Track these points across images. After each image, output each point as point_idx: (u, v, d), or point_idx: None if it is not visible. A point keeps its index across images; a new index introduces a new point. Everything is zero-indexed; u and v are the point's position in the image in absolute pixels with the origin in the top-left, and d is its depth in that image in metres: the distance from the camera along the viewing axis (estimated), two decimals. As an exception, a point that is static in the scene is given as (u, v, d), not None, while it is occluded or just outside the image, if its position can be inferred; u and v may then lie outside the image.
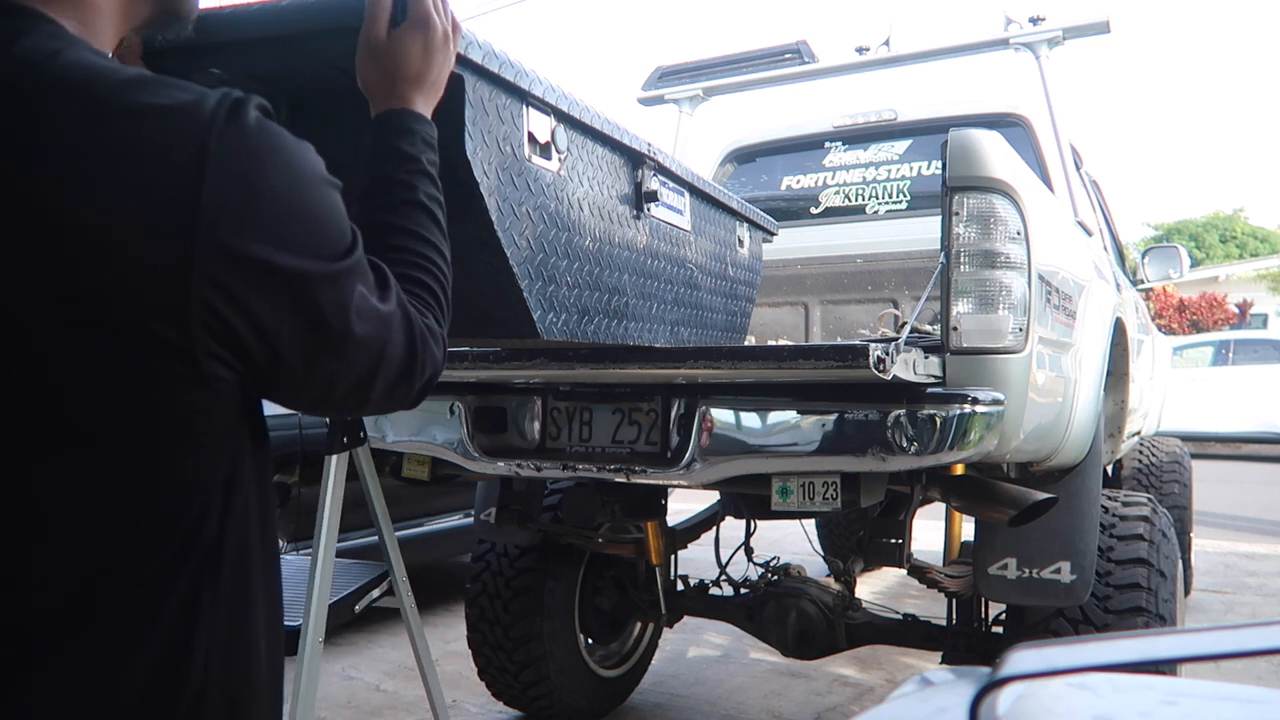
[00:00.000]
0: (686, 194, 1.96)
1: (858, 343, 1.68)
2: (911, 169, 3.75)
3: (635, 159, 1.71)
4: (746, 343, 2.49)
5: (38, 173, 0.67)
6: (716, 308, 2.15)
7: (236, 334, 0.71)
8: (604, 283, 1.61)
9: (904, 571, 2.42)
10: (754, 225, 2.39)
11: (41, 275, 0.67)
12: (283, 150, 0.74)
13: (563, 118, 1.45)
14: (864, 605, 2.78)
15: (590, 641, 3.31)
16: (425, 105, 1.03)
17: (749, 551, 2.92)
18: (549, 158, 1.42)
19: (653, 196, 1.74)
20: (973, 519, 2.35)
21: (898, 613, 2.79)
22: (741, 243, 2.31)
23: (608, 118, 1.57)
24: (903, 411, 1.81)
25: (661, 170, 1.80)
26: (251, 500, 0.82)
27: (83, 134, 0.68)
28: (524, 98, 1.33)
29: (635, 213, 1.72)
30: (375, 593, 2.30)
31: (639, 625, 3.50)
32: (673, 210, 1.89)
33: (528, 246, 1.36)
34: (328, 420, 1.86)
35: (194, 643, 0.76)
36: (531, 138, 1.37)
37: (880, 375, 1.63)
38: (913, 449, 1.80)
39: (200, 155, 0.68)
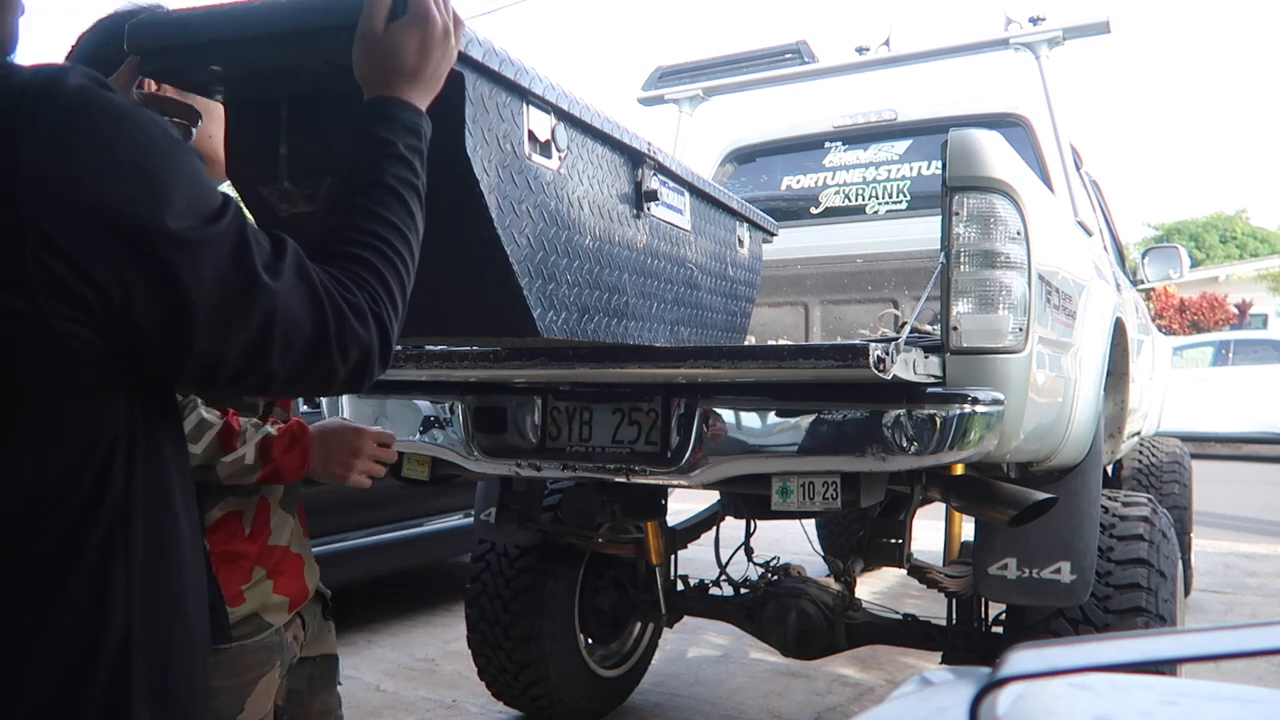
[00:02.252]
0: (686, 193, 1.96)
1: (858, 342, 1.67)
2: (911, 169, 3.75)
3: (635, 158, 1.71)
4: (746, 343, 2.48)
5: None
6: (716, 307, 2.15)
7: (83, 299, 0.72)
8: (604, 281, 1.60)
9: (904, 571, 2.42)
10: (754, 225, 2.39)
11: None
12: (108, 114, 0.74)
13: (563, 116, 1.44)
14: (864, 605, 2.78)
15: (590, 641, 3.31)
16: (419, 97, 1.03)
17: (749, 551, 2.92)
18: (549, 156, 1.41)
19: (653, 196, 1.74)
20: (973, 519, 2.35)
21: (898, 613, 2.79)
22: (741, 243, 2.31)
23: (608, 116, 1.56)
24: (903, 411, 1.81)
25: (661, 169, 1.79)
26: (165, 470, 0.85)
27: None
28: (524, 96, 1.33)
29: (635, 212, 1.72)
30: None
31: (639, 625, 3.50)
32: (673, 210, 1.89)
33: (528, 245, 1.35)
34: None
35: (110, 609, 0.78)
36: (532, 136, 1.36)
37: (880, 375, 1.62)
38: (913, 449, 1.79)
39: (12, 128, 0.70)
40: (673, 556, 3.04)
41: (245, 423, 1.39)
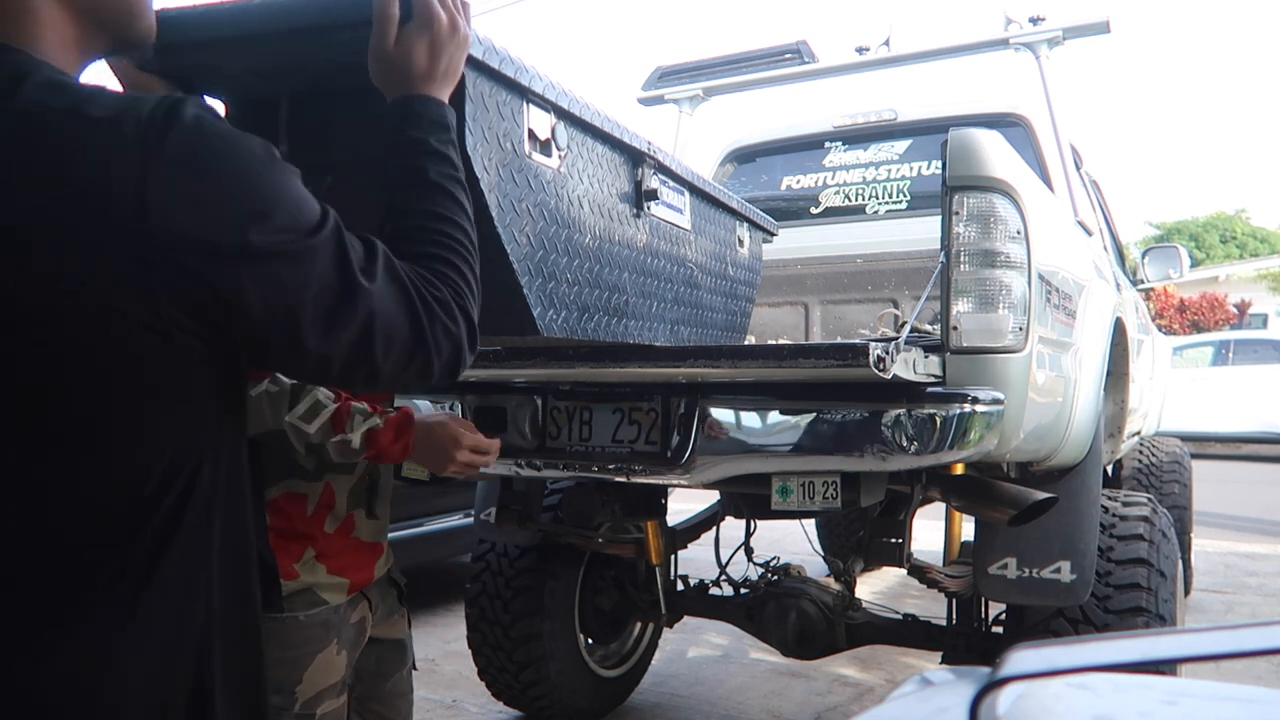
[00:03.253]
0: (687, 193, 1.96)
1: (858, 342, 1.67)
2: (911, 169, 3.74)
3: (635, 157, 1.70)
4: (746, 342, 2.48)
5: (20, 178, 0.76)
6: (716, 307, 2.15)
7: (205, 310, 0.79)
8: (604, 280, 1.60)
9: (904, 571, 2.41)
10: (754, 225, 2.39)
11: (28, 267, 0.76)
12: (221, 139, 0.80)
13: (563, 115, 1.44)
14: (864, 605, 2.78)
15: (590, 641, 3.30)
16: (439, 92, 1.06)
17: (749, 551, 2.92)
18: (549, 155, 1.41)
19: (653, 195, 1.73)
20: (973, 519, 2.35)
21: (898, 613, 2.79)
22: (741, 243, 2.31)
23: (608, 115, 1.56)
24: (903, 411, 1.80)
25: (661, 169, 1.79)
26: (239, 458, 0.93)
27: (51, 144, 0.76)
28: (524, 94, 1.33)
29: (635, 211, 1.72)
30: None
31: (639, 625, 3.50)
32: (673, 209, 1.89)
33: (528, 243, 1.35)
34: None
35: (199, 584, 0.87)
36: (532, 134, 1.36)
37: (880, 374, 1.62)
38: (913, 448, 1.79)
39: (142, 154, 0.76)
40: (673, 556, 3.04)
41: (355, 408, 1.48)
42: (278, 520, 1.52)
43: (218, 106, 1.31)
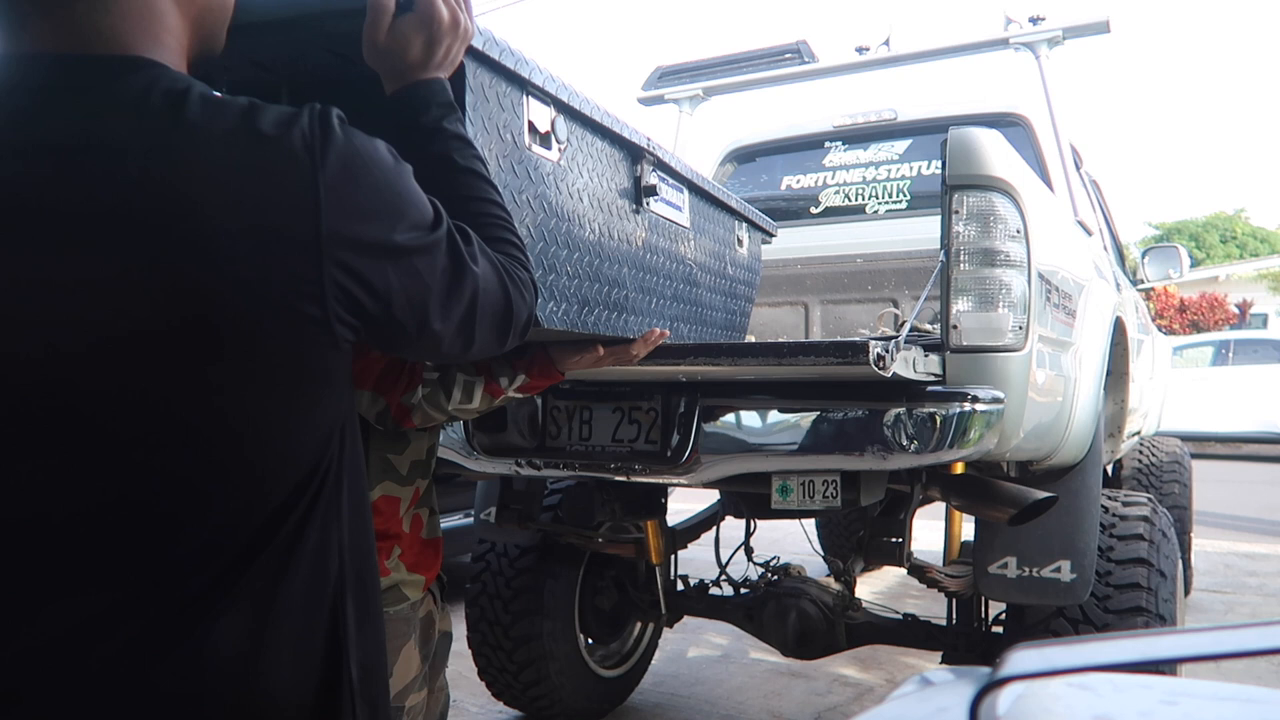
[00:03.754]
0: (686, 191, 1.96)
1: (858, 339, 1.67)
2: (911, 169, 3.74)
3: (635, 153, 1.70)
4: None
5: (192, 189, 0.79)
6: (716, 306, 2.14)
7: (360, 303, 0.87)
8: (604, 275, 1.60)
9: (904, 571, 2.41)
10: (753, 225, 2.38)
11: (224, 278, 0.81)
12: (365, 148, 0.87)
13: (563, 108, 1.45)
14: (864, 605, 2.78)
15: (590, 641, 3.30)
16: (437, 74, 1.09)
17: (749, 551, 2.92)
18: (549, 148, 1.42)
19: (652, 191, 1.74)
20: (973, 518, 2.35)
21: (898, 613, 2.79)
22: (740, 242, 2.31)
23: (607, 110, 1.57)
24: (903, 409, 1.80)
25: (661, 165, 1.79)
26: (359, 444, 0.99)
27: (223, 158, 0.81)
28: (524, 86, 1.34)
29: (635, 207, 1.72)
30: None
31: (639, 625, 3.50)
32: (672, 206, 1.88)
33: (528, 235, 1.35)
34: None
35: (332, 553, 0.92)
36: (532, 127, 1.36)
37: (880, 372, 1.62)
38: (913, 447, 1.79)
39: (312, 169, 0.82)
40: (673, 556, 3.04)
41: (496, 369, 1.58)
42: (376, 520, 1.57)
43: None
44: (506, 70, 1.27)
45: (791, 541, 4.15)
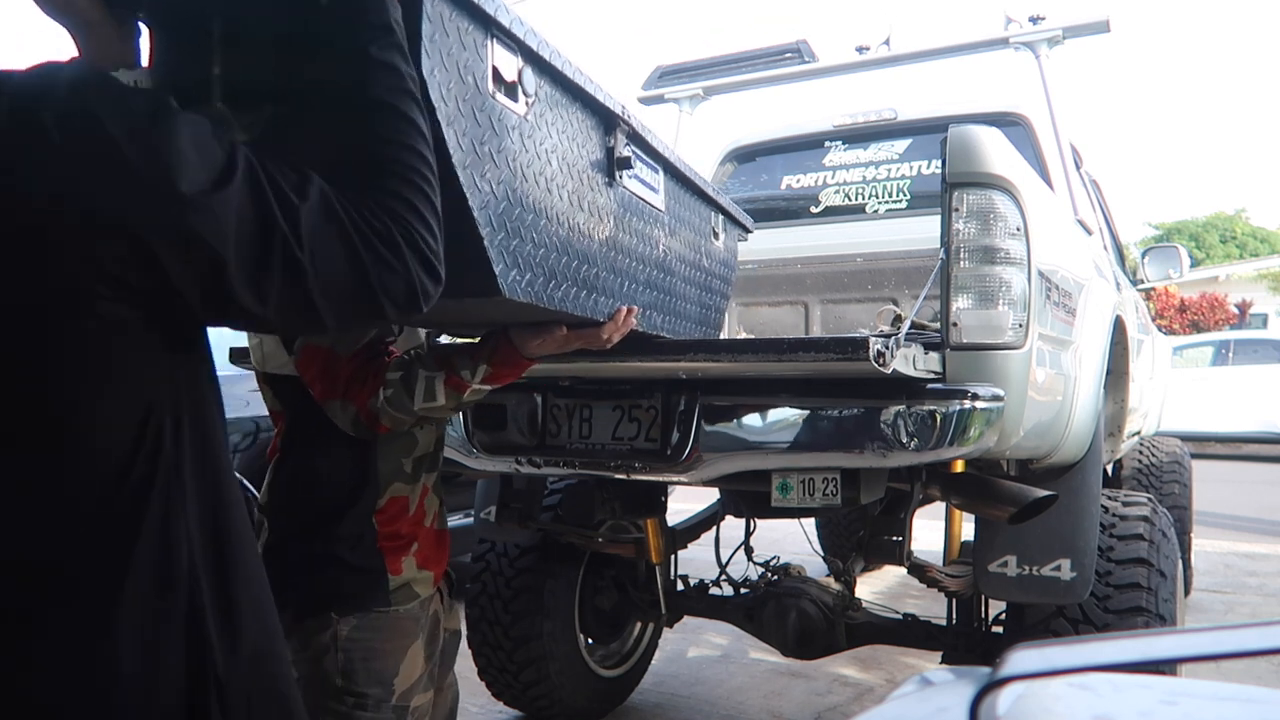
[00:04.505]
0: (662, 172, 1.84)
1: (858, 336, 1.67)
2: (911, 168, 3.74)
3: (608, 120, 1.56)
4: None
5: None
6: (690, 298, 2.03)
7: (119, 277, 0.79)
8: (574, 248, 1.47)
9: (904, 571, 2.41)
10: (730, 219, 2.28)
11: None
12: (112, 102, 0.78)
13: (532, 58, 1.32)
14: (864, 605, 2.78)
15: (590, 641, 3.30)
16: None
17: (749, 551, 2.92)
18: (515, 99, 1.29)
19: (626, 164, 1.60)
20: (973, 518, 2.35)
21: (898, 613, 2.78)
22: (717, 235, 2.20)
23: (580, 68, 1.43)
24: (903, 407, 1.80)
25: (636, 139, 1.66)
26: (206, 426, 0.92)
27: None
28: (488, 26, 1.22)
29: (607, 179, 1.58)
30: None
31: (639, 625, 3.50)
32: (647, 186, 1.77)
33: (490, 192, 1.23)
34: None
35: (177, 540, 0.87)
36: (496, 74, 1.24)
37: (880, 369, 1.62)
38: (913, 444, 1.79)
39: (36, 129, 0.75)
40: (673, 556, 3.03)
41: (457, 361, 1.50)
42: (387, 523, 1.57)
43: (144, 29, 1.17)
44: (469, 4, 1.16)
45: (791, 541, 4.14)
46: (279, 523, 1.59)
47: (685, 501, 3.63)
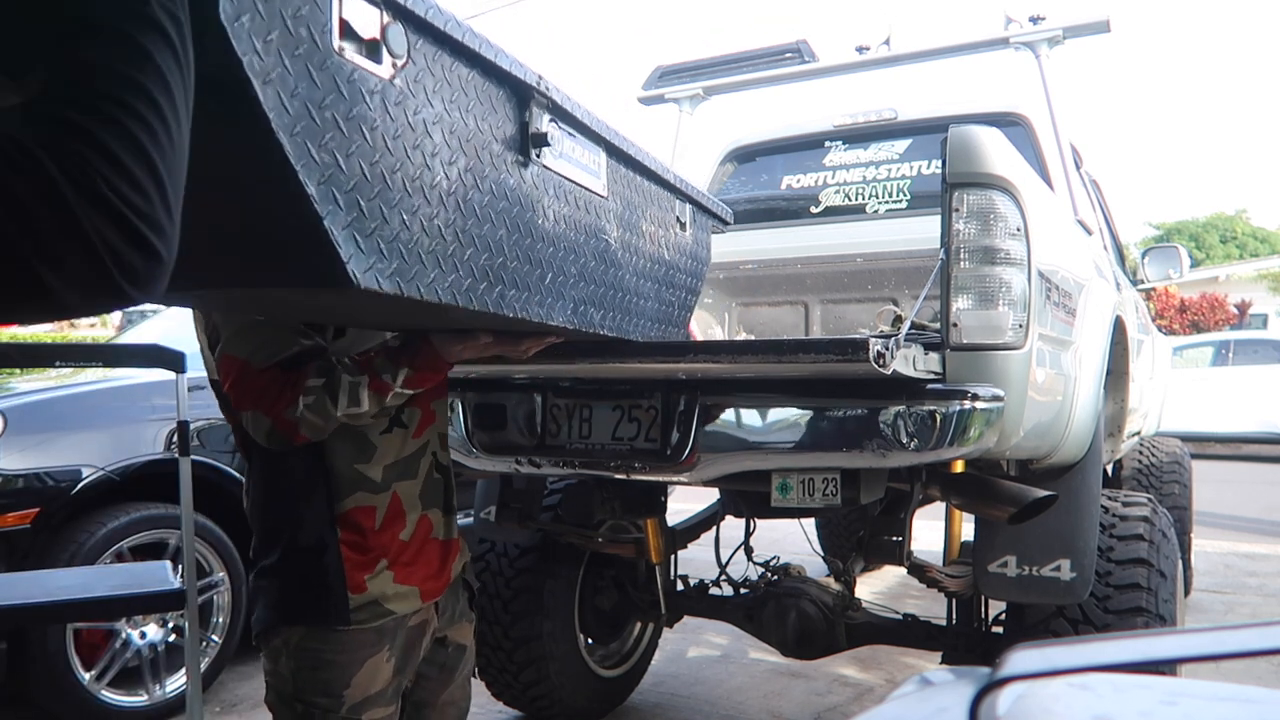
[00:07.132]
0: (603, 153, 1.66)
1: (858, 336, 1.67)
2: (911, 168, 3.74)
3: (521, 91, 1.38)
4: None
5: None
6: (645, 294, 1.85)
7: None
8: (468, 234, 1.30)
9: (904, 571, 2.41)
10: (700, 208, 2.09)
11: None
12: None
13: (401, 14, 1.13)
14: (864, 605, 2.78)
15: (590, 641, 3.30)
16: None
17: (749, 551, 2.92)
18: (378, 60, 1.11)
19: (543, 140, 1.42)
20: (972, 518, 2.35)
21: (898, 613, 2.79)
22: (683, 225, 2.02)
23: (478, 32, 1.26)
24: (902, 407, 1.80)
25: (560, 114, 1.47)
26: None
27: None
28: None
29: (519, 158, 1.40)
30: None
31: (639, 625, 3.50)
32: (579, 167, 1.58)
33: (334, 164, 1.05)
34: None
35: None
36: (346, 27, 1.04)
37: (880, 369, 1.62)
38: (912, 445, 1.79)
39: None
40: (673, 556, 3.04)
41: (377, 364, 1.47)
42: (350, 534, 1.52)
43: None
44: None
45: (791, 541, 4.14)
46: (254, 531, 1.58)
47: (685, 501, 3.63)
